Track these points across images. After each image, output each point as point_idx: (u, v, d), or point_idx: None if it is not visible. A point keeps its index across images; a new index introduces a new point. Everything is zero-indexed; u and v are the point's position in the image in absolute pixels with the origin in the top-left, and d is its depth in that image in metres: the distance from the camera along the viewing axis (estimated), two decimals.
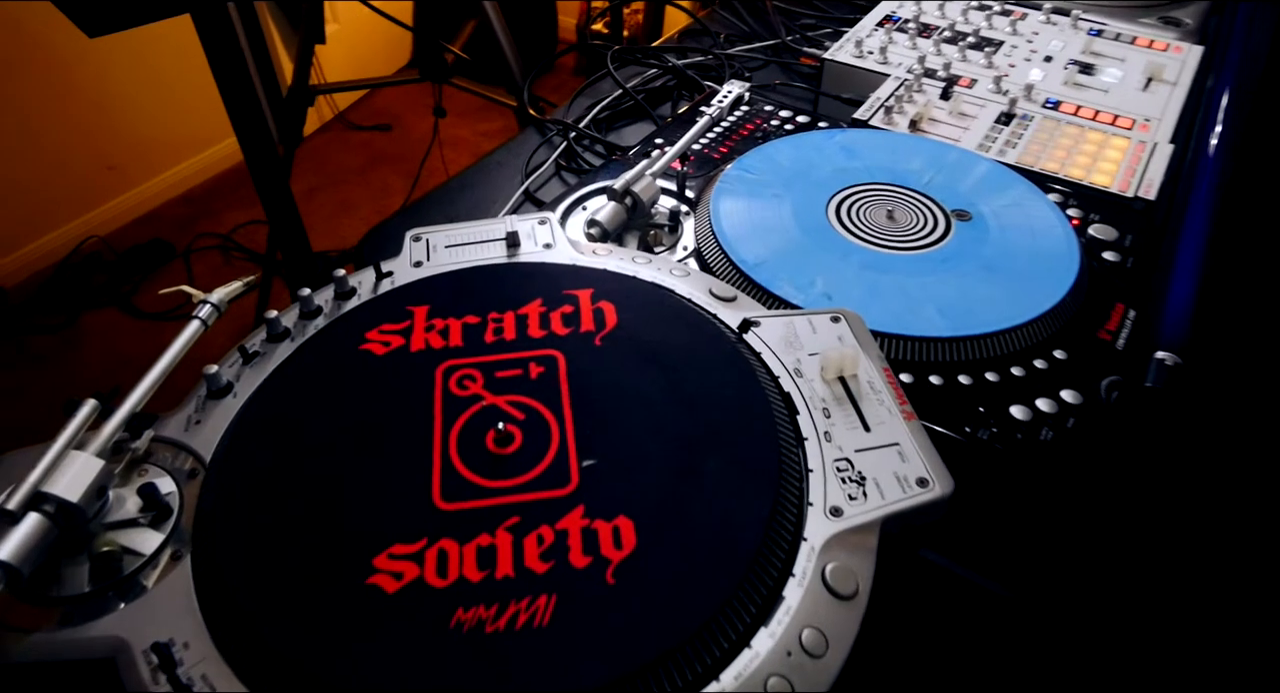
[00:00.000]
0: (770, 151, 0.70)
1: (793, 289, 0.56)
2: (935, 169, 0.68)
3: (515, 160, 0.89)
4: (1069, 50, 0.87)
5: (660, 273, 0.52)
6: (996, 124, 0.77)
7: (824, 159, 0.69)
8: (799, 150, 0.70)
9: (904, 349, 0.53)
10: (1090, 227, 0.65)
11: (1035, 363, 0.53)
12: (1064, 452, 0.49)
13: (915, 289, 0.56)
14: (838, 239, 0.61)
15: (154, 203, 2.24)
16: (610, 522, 0.37)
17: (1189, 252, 0.64)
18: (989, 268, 0.58)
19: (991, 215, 0.63)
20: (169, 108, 2.16)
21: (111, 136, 2.09)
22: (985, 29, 0.91)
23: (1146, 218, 0.67)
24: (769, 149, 0.70)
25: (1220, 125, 0.76)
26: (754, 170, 0.67)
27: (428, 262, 0.53)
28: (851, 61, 0.87)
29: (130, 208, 2.21)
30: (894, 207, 0.64)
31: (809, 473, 0.40)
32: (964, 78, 0.83)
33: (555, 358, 0.44)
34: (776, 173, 0.67)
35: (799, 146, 0.71)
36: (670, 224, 0.64)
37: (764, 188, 0.65)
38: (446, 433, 0.41)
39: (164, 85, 2.11)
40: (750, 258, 0.58)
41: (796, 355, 0.46)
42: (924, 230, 0.62)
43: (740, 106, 0.79)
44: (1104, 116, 0.77)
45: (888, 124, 0.77)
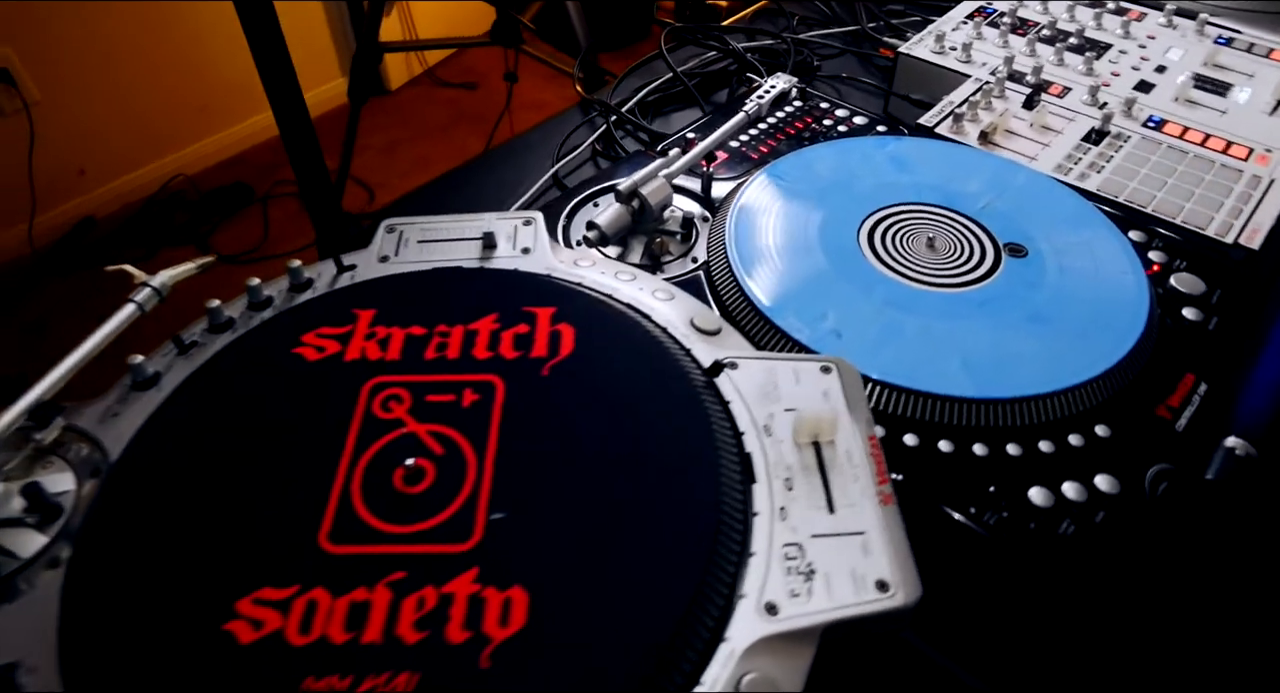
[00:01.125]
0: (810, 157, 0.63)
1: (798, 322, 0.50)
2: (997, 192, 0.60)
3: (553, 140, 0.84)
4: (1188, 60, 0.76)
5: (642, 292, 0.47)
6: (1084, 142, 0.67)
7: (870, 170, 0.62)
8: (844, 158, 0.63)
9: (914, 405, 0.46)
10: (1172, 276, 0.56)
11: (1070, 439, 0.46)
12: (1086, 551, 0.42)
13: (942, 335, 0.49)
14: (864, 267, 0.54)
15: (241, 147, 2.30)
16: (504, 591, 0.33)
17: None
18: (1036, 317, 0.50)
19: (1052, 253, 0.55)
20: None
21: (204, 78, 2.15)
22: (1092, 29, 0.81)
23: (1245, 271, 0.57)
24: (809, 154, 0.63)
25: None
26: (786, 177, 0.61)
27: (395, 257, 0.49)
28: (929, 57, 0.78)
29: (218, 150, 2.27)
30: (937, 233, 0.56)
31: (749, 557, 0.35)
32: (1055, 85, 0.74)
33: (494, 385, 0.40)
34: (812, 183, 0.60)
35: (845, 153, 0.63)
36: (682, 232, 0.59)
37: (793, 199, 0.59)
38: (355, 462, 0.37)
39: None
40: (758, 281, 0.52)
41: (771, 409, 0.40)
42: (967, 264, 0.54)
43: (789, 102, 0.72)
44: (1215, 143, 0.67)
45: (956, 133, 0.68)
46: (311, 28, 2.32)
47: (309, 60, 2.28)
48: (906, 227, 0.57)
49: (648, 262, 0.57)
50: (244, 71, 2.24)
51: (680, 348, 0.43)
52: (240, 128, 2.28)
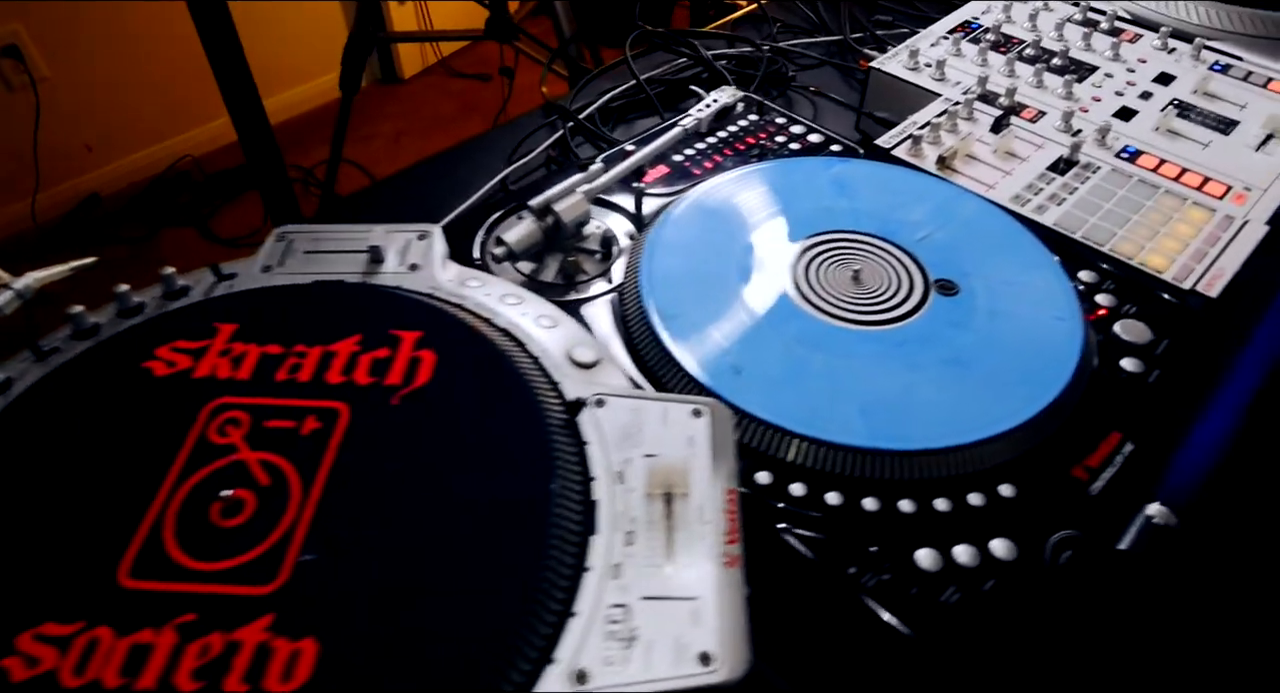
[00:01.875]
0: (748, 177, 0.60)
1: (698, 355, 0.47)
2: (940, 223, 0.57)
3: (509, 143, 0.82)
4: (1178, 87, 0.73)
5: (524, 318, 0.45)
6: (1050, 171, 0.64)
7: (809, 193, 0.59)
8: (784, 179, 0.61)
9: (806, 452, 0.44)
10: (1117, 323, 0.53)
11: (970, 498, 0.43)
12: (967, 623, 0.39)
13: (848, 376, 0.47)
14: (781, 299, 0.51)
15: None
16: (295, 642, 0.31)
17: (1244, 379, 0.51)
18: (953, 362, 0.48)
19: (985, 292, 0.52)
20: (273, 38, 2.21)
21: None
22: (1079, 49, 0.77)
23: (1198, 321, 0.54)
24: (750, 173, 0.61)
25: None
26: (717, 197, 0.58)
27: (278, 267, 0.48)
28: (901, 74, 0.75)
29: (226, 132, 2.28)
30: (865, 265, 0.53)
31: (570, 617, 0.33)
32: (1029, 108, 0.70)
33: (338, 413, 0.38)
34: (743, 204, 0.58)
35: (786, 174, 0.61)
36: (601, 251, 0.57)
37: (720, 221, 0.56)
38: (175, 489, 0.36)
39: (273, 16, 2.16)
40: (666, 307, 0.50)
41: (629, 453, 0.38)
42: (892, 300, 0.51)
43: (744, 116, 0.70)
44: (1191, 178, 0.63)
45: (914, 156, 0.65)
46: (327, 14, 2.33)
47: (323, 47, 2.28)
48: (835, 256, 0.54)
49: (561, 281, 0.55)
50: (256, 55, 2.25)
51: (547, 382, 0.41)
52: None
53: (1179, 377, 0.50)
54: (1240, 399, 0.49)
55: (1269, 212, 0.60)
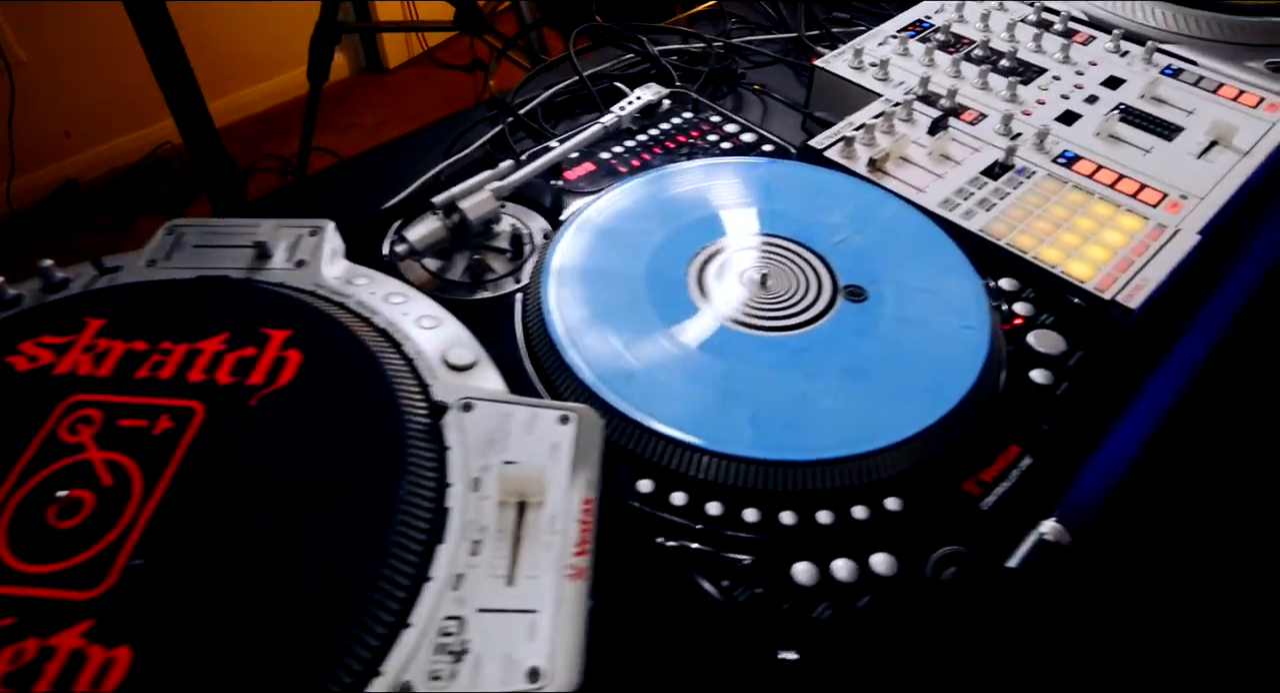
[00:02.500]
0: (672, 176, 0.60)
1: (591, 358, 0.47)
2: (857, 227, 0.56)
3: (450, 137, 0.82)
4: (1126, 91, 0.71)
5: (405, 318, 0.44)
6: (983, 176, 0.63)
7: (730, 195, 0.58)
8: (709, 179, 0.60)
9: (688, 461, 0.43)
10: (1031, 333, 0.52)
11: (854, 511, 0.42)
12: (838, 641, 0.38)
13: (742, 384, 0.46)
14: (685, 303, 0.51)
15: (231, 118, 2.31)
16: (110, 650, 0.30)
17: (1156, 396, 0.50)
18: (852, 371, 0.47)
19: (894, 299, 0.51)
20: (258, 25, 2.21)
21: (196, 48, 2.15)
22: (1029, 51, 0.76)
23: (1116, 333, 0.53)
24: (672, 173, 0.60)
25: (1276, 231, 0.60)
26: (639, 196, 0.58)
27: (164, 262, 0.47)
28: (844, 73, 0.74)
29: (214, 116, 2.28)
30: (774, 269, 0.53)
31: (405, 629, 0.32)
32: (970, 110, 0.69)
33: (193, 412, 0.38)
34: (664, 204, 0.57)
35: (709, 175, 0.60)
36: (511, 250, 0.56)
37: (632, 222, 0.56)
38: (15, 489, 0.35)
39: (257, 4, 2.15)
40: (563, 310, 0.49)
41: (489, 460, 0.37)
42: (797, 306, 0.51)
43: (677, 114, 0.69)
44: (1127, 185, 0.62)
45: (846, 158, 0.64)
46: None
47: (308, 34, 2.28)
48: (746, 259, 0.53)
49: (468, 279, 0.55)
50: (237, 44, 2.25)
51: (416, 384, 0.40)
52: (230, 99, 2.29)
53: (1089, 390, 0.49)
54: (1150, 417, 0.48)
55: (1202, 221, 0.59)
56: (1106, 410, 0.49)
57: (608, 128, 0.61)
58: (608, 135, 0.62)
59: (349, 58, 2.46)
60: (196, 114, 0.93)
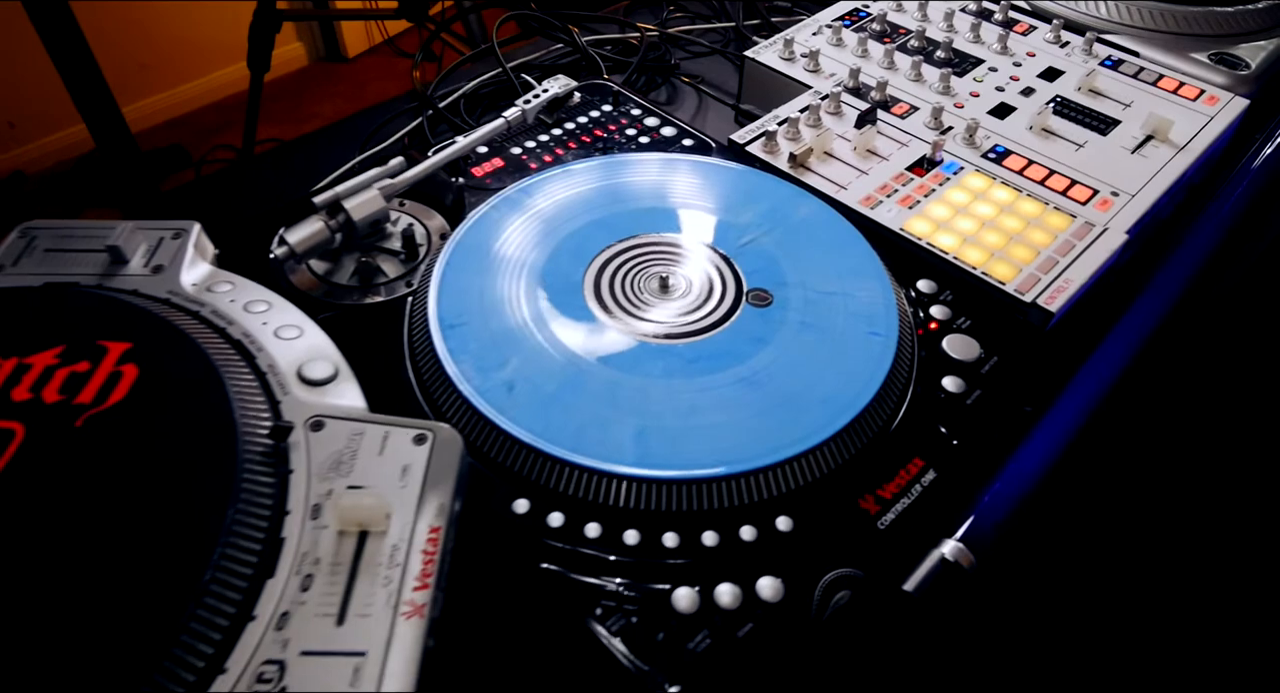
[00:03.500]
0: (578, 173, 0.57)
1: (471, 368, 0.44)
2: (769, 226, 0.54)
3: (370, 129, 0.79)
4: (1064, 83, 0.69)
5: (265, 327, 0.41)
6: (909, 172, 0.61)
7: (635, 193, 0.56)
8: (616, 176, 0.57)
9: (568, 479, 0.40)
10: (945, 338, 0.50)
11: (742, 532, 0.40)
12: (716, 673, 0.36)
13: (630, 396, 0.44)
14: (579, 308, 0.48)
15: (186, 108, 2.26)
16: None
17: (1071, 406, 0.48)
18: (747, 381, 0.45)
19: (800, 303, 0.49)
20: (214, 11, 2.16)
21: (147, 36, 2.11)
22: (966, 41, 0.74)
23: (1034, 338, 0.51)
24: (577, 170, 0.57)
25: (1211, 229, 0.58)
26: (539, 194, 0.55)
27: (11, 267, 0.44)
28: (774, 64, 0.72)
29: (160, 110, 2.23)
30: (675, 272, 0.50)
31: (219, 675, 0.29)
32: (901, 103, 0.67)
33: (13, 434, 0.35)
34: (566, 204, 0.55)
35: (615, 171, 0.58)
36: (403, 252, 0.53)
37: (535, 221, 0.53)
38: None
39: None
40: (449, 316, 0.47)
41: (335, 484, 0.35)
42: (697, 311, 0.48)
43: (599, 106, 0.66)
44: (1057, 181, 0.60)
45: (768, 153, 0.62)
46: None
47: None
48: (646, 261, 0.51)
49: (357, 283, 0.52)
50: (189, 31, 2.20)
51: (264, 401, 0.37)
52: (184, 89, 2.24)
53: (1003, 399, 0.47)
54: (1063, 429, 0.46)
55: (1132, 219, 0.57)
56: (1018, 421, 0.46)
57: (510, 122, 0.58)
58: (512, 130, 0.59)
59: (307, 46, 2.42)
60: (104, 110, 0.89)
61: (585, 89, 0.68)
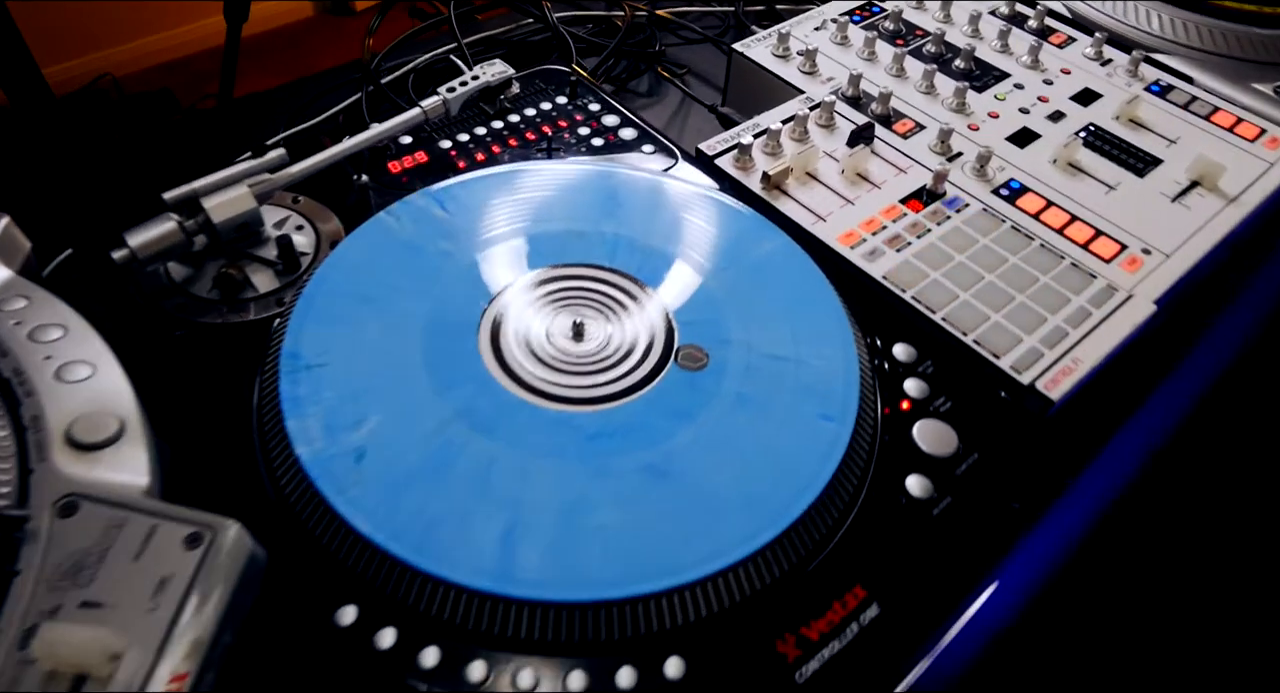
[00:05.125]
0: (498, 180, 0.48)
1: (318, 425, 0.36)
2: (721, 266, 0.45)
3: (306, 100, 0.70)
4: (1101, 109, 0.59)
5: (48, 364, 0.33)
6: (903, 204, 0.52)
7: (565, 211, 0.47)
8: (544, 187, 0.48)
9: (407, 587, 0.32)
10: (918, 423, 0.41)
11: (619, 676, 0.32)
12: None
13: (506, 479, 0.35)
14: (468, 356, 0.39)
15: (181, 52, 2.18)
16: None
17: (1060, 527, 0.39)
18: (657, 469, 0.36)
19: (741, 369, 0.40)
20: None
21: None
22: (991, 50, 0.64)
23: (1031, 433, 0.42)
24: (499, 175, 0.49)
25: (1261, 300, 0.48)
26: (450, 203, 0.46)
27: None
28: (764, 62, 0.62)
29: (155, 52, 2.15)
30: (597, 317, 0.41)
31: None
32: (905, 119, 0.57)
33: None
34: (479, 216, 0.46)
35: (552, 183, 0.49)
36: (278, 264, 0.45)
37: (438, 238, 0.44)
38: None
39: None
40: (308, 351, 0.38)
41: (66, 597, 0.27)
42: (613, 370, 0.39)
43: (554, 98, 0.57)
44: (1079, 230, 0.51)
45: (740, 169, 0.53)
46: None
47: None
48: (564, 301, 0.42)
49: (217, 296, 0.43)
50: None
51: (12, 469, 0.29)
52: (180, 32, 2.16)
53: (982, 511, 0.38)
54: (1048, 558, 0.37)
55: (1164, 286, 0.48)
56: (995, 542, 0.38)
57: (427, 113, 0.49)
58: (432, 122, 0.50)
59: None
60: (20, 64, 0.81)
61: (541, 75, 0.59)
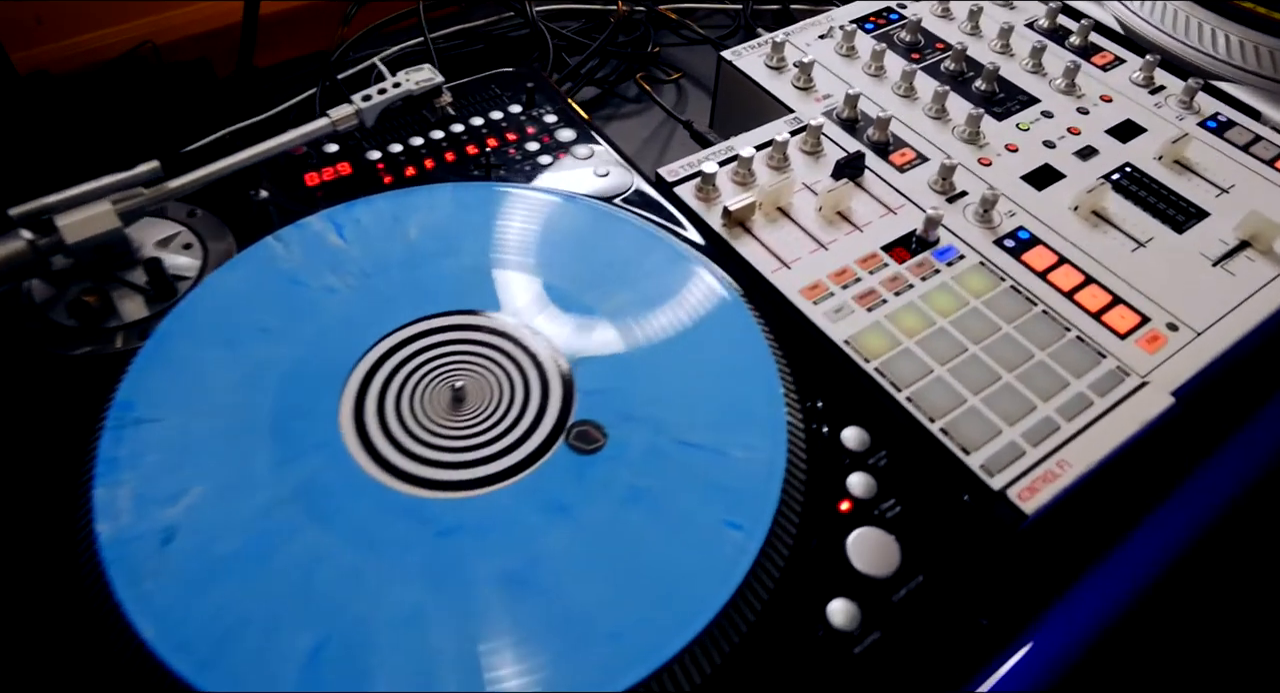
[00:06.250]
0: (413, 204, 0.43)
1: (128, 494, 0.31)
2: (648, 326, 0.39)
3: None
4: (1142, 146, 0.51)
5: None
6: (886, 252, 0.45)
7: (484, 246, 0.41)
8: (465, 216, 0.43)
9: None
10: (856, 531, 0.34)
11: None
12: None
13: (330, 581, 0.30)
14: (321, 415, 0.34)
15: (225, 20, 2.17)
16: None
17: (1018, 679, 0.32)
18: (516, 579, 0.30)
19: (644, 456, 0.34)
20: None
21: None
22: (1021, 69, 0.56)
23: (998, 541, 0.35)
24: (417, 198, 0.43)
25: None
26: (352, 232, 0.41)
27: None
28: (755, 74, 0.55)
29: (199, 20, 2.15)
30: (483, 381, 0.36)
31: None
32: (906, 149, 0.50)
33: None
34: (377, 247, 0.41)
35: (473, 210, 0.43)
36: (148, 291, 0.40)
37: (323, 272, 0.39)
38: None
39: None
40: (142, 401, 0.34)
41: None
42: (490, 445, 0.34)
43: (507, 107, 0.51)
44: (1093, 294, 0.43)
45: (701, 200, 0.47)
46: None
47: None
48: (448, 360, 0.37)
49: (75, 323, 0.39)
50: None
51: None
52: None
53: (915, 651, 0.32)
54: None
55: (1188, 372, 0.40)
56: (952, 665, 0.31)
57: (335, 124, 0.44)
58: (340, 134, 0.45)
59: None
60: None
61: (498, 80, 0.54)
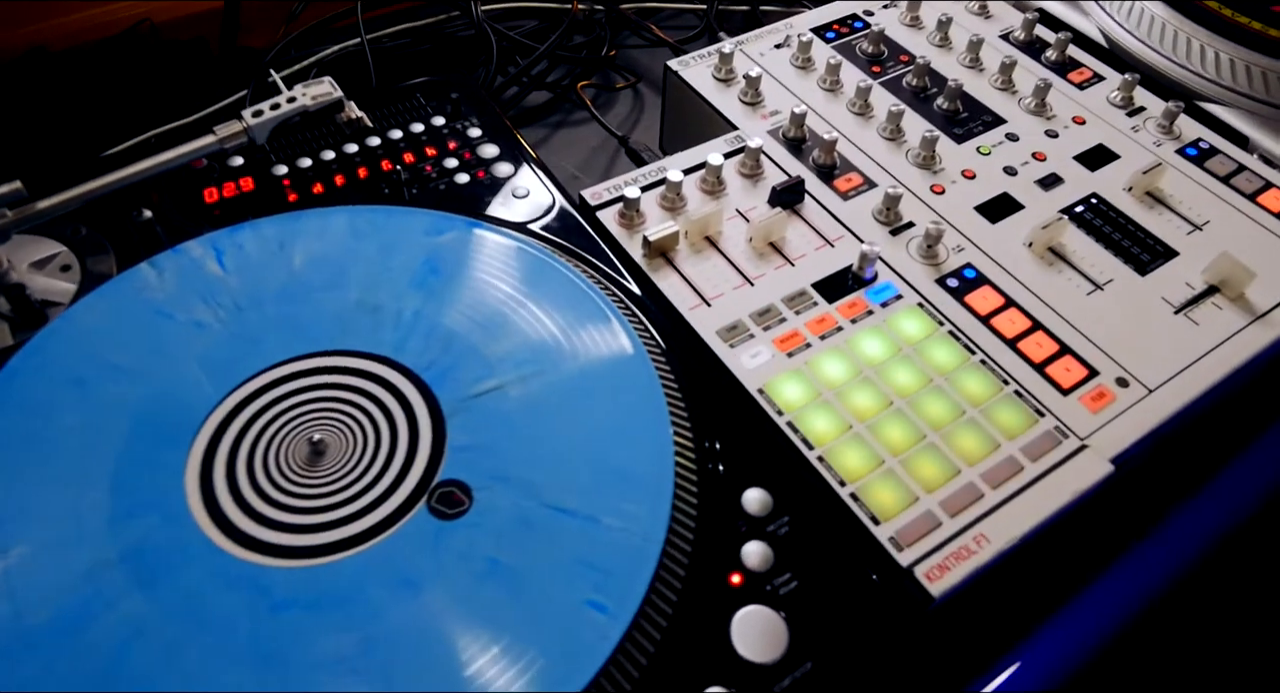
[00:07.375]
0: (302, 229, 0.40)
1: None
2: (533, 366, 0.36)
3: None
4: (1113, 174, 0.48)
5: None
6: (816, 289, 0.42)
7: (371, 279, 0.39)
8: (356, 242, 0.40)
9: None
10: (742, 610, 0.32)
11: None
12: None
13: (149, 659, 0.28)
14: (166, 467, 0.32)
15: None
16: None
17: None
18: (348, 665, 0.28)
19: (510, 524, 0.31)
20: None
21: None
22: (989, 86, 0.53)
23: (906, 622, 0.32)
24: (306, 222, 0.41)
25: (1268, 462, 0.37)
26: (233, 259, 0.39)
27: None
28: (700, 87, 0.52)
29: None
30: (346, 433, 0.34)
31: None
32: (853, 174, 0.47)
33: None
34: (259, 278, 0.38)
35: (365, 236, 0.41)
36: (15, 316, 0.38)
37: (194, 304, 0.37)
38: None
39: None
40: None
41: None
42: (346, 505, 0.32)
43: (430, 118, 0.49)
44: (1038, 343, 0.40)
45: (624, 227, 0.44)
46: None
47: None
48: (318, 404, 0.34)
49: None
50: None
51: None
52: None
53: None
54: None
55: (1133, 437, 0.37)
56: None
57: (223, 141, 0.41)
58: (226, 151, 0.42)
59: None
60: None
61: (423, 88, 0.51)
